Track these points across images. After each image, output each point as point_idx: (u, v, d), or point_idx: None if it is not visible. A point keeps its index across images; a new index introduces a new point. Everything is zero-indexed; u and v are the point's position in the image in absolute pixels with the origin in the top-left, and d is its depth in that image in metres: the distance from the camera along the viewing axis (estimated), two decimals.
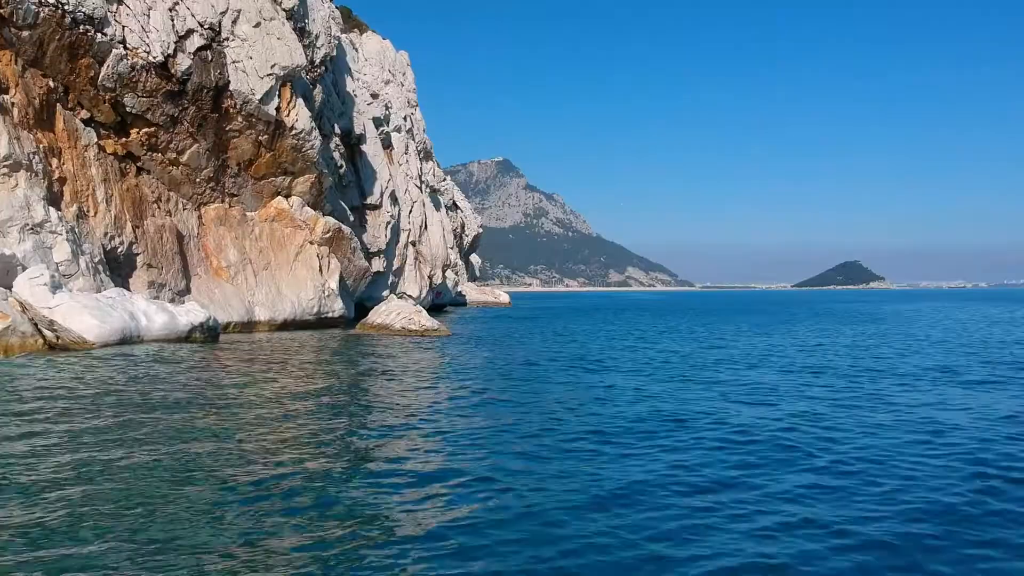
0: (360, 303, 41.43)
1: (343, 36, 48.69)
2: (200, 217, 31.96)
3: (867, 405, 13.88)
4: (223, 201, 32.58)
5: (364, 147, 46.62)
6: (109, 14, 27.06)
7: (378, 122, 50.22)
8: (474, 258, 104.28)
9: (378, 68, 57.18)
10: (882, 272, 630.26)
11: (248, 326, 31.38)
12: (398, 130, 55.17)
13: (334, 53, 40.66)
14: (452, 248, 74.46)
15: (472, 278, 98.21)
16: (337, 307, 35.53)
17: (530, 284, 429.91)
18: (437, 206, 67.94)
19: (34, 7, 25.05)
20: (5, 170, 24.23)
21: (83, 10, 26.11)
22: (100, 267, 26.29)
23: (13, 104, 25.17)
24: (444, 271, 66.02)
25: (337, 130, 41.73)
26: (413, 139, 60.24)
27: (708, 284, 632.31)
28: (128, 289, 26.75)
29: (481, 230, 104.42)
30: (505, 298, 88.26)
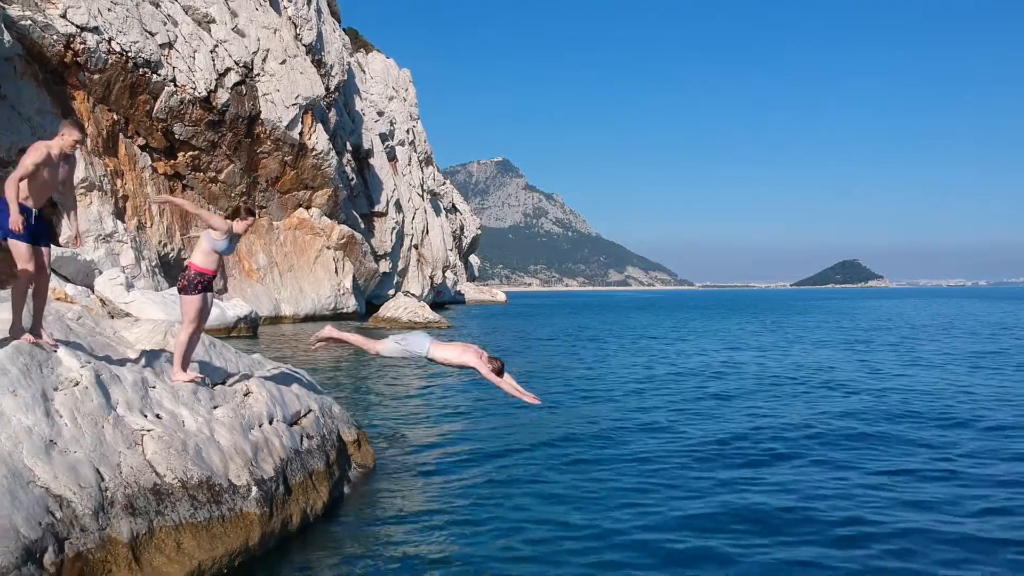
0: (368, 300, 46.67)
1: (351, 59, 53.90)
2: None
3: None
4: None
5: (372, 160, 51.82)
6: (162, 58, 32.27)
7: (384, 137, 55.43)
8: (473, 259, 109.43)
9: (383, 86, 62.41)
10: (881, 271, 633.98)
11: (275, 319, 36.60)
12: (401, 143, 60.39)
13: (346, 78, 45.89)
14: (451, 250, 79.69)
15: (471, 278, 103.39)
16: (351, 303, 40.77)
17: (530, 284, 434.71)
18: (437, 211, 73.16)
19: (104, 55, 30.26)
20: (82, 190, 29.48)
21: (142, 55, 31.31)
22: (156, 270, 31.56)
23: (86, 135, 30.38)
24: (444, 272, 71.27)
25: (348, 146, 46.97)
26: (415, 150, 65.49)
27: (708, 283, 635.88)
28: None
29: (480, 231, 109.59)
30: (502, 297, 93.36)
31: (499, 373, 6.25)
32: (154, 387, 5.19)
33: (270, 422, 5.79)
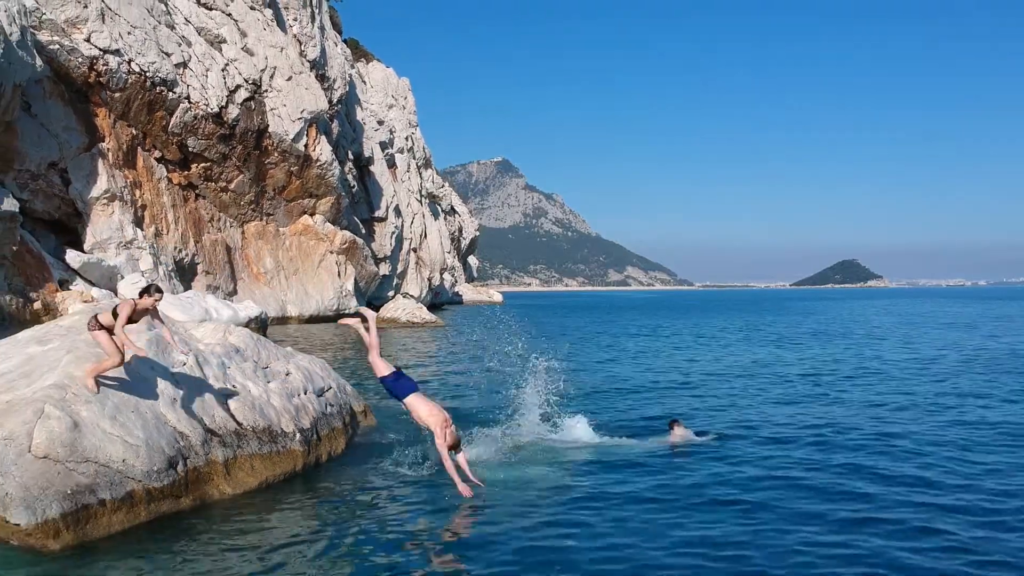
0: (369, 302, 49.13)
1: (352, 70, 56.36)
2: (243, 233, 39.65)
3: None
4: (261, 219, 40.28)
5: (372, 167, 54.29)
6: (177, 76, 34.73)
7: (384, 145, 57.89)
8: (472, 259, 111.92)
9: (383, 95, 64.90)
10: (880, 271, 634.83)
11: (282, 320, 39.08)
12: (401, 151, 62.87)
13: (347, 90, 48.35)
14: (449, 252, 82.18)
15: (470, 279, 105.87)
16: (352, 305, 43.23)
17: (529, 284, 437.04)
18: (436, 215, 75.64)
19: (124, 75, 32.71)
20: (105, 201, 31.94)
21: (159, 75, 33.77)
22: (172, 274, 34.03)
23: (108, 149, 32.86)
24: (442, 273, 73.77)
25: (350, 155, 49.44)
26: (414, 157, 67.99)
27: (708, 283, 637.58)
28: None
29: (478, 233, 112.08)
30: (498, 297, 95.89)
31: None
32: (229, 368, 7.63)
33: (304, 393, 8.25)
